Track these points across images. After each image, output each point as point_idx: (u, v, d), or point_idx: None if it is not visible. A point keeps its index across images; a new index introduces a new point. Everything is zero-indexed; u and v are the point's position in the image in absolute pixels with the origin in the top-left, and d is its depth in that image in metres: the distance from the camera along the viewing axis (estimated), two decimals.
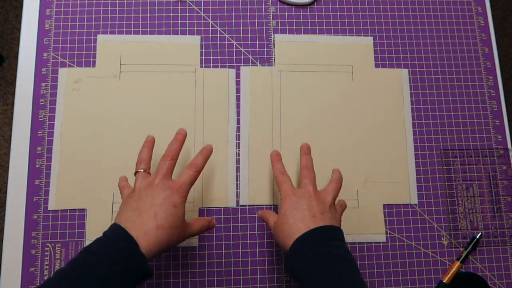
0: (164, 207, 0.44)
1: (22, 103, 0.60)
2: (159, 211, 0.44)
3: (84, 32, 0.63)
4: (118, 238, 0.42)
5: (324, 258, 0.44)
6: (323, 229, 0.46)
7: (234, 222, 0.58)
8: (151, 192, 0.45)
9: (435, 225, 0.61)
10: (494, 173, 0.63)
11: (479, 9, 0.69)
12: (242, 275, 0.57)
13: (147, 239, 0.42)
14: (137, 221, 0.43)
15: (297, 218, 0.47)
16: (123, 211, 0.46)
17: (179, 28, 0.64)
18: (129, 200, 0.47)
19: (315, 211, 0.47)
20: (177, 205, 0.45)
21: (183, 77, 0.62)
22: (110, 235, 0.43)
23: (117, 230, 0.43)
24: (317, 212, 0.47)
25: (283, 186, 0.51)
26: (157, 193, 0.45)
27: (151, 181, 0.47)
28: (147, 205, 0.44)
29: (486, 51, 0.67)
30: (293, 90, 0.63)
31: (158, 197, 0.45)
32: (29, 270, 0.55)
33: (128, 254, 0.41)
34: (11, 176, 0.57)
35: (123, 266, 0.40)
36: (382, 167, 0.61)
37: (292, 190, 0.50)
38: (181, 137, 0.51)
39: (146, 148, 0.52)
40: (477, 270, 0.60)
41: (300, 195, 0.49)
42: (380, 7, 0.67)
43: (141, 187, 0.47)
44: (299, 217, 0.47)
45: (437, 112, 0.64)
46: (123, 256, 0.41)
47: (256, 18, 0.65)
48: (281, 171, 0.53)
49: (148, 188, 0.46)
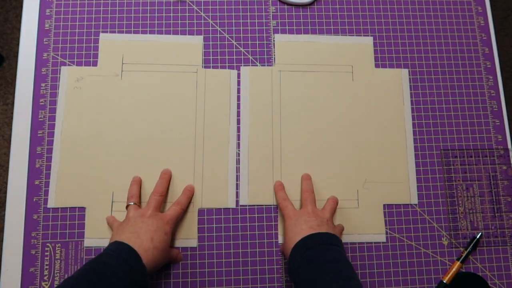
0: (158, 233, 0.51)
1: (22, 103, 0.60)
2: (155, 235, 0.50)
3: (84, 32, 0.63)
4: (122, 252, 0.47)
5: (317, 260, 0.47)
6: (319, 235, 0.50)
7: (234, 222, 0.58)
8: (146, 220, 0.52)
9: (435, 225, 0.61)
10: (494, 173, 0.63)
11: (479, 9, 0.69)
12: (242, 275, 0.57)
13: (147, 256, 0.48)
14: (137, 241, 0.49)
15: (295, 232, 0.52)
16: (120, 233, 0.50)
17: (179, 28, 0.64)
18: (124, 225, 0.52)
19: (312, 224, 0.52)
20: (167, 233, 0.52)
21: (185, 77, 0.62)
22: (114, 249, 0.47)
23: (120, 245, 0.47)
24: (314, 225, 0.52)
25: (286, 210, 0.56)
26: (151, 222, 0.51)
27: (143, 212, 0.53)
28: (144, 230, 0.50)
29: (486, 51, 0.67)
30: (293, 90, 0.63)
31: (153, 225, 0.51)
32: (29, 270, 0.55)
33: (132, 266, 0.46)
34: (11, 176, 0.57)
35: (127, 276, 0.45)
36: (382, 167, 0.61)
37: (294, 212, 0.55)
38: (167, 177, 0.58)
39: (135, 185, 0.57)
40: (477, 270, 0.60)
41: (300, 214, 0.54)
42: (380, 7, 0.67)
43: (135, 216, 0.53)
44: (297, 230, 0.52)
45: (437, 112, 0.64)
46: (127, 267, 0.45)
47: (256, 18, 0.65)
48: (284, 197, 0.58)
49: (142, 217, 0.52)
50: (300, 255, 0.48)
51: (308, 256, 0.48)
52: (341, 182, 0.60)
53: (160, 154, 0.59)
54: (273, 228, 0.58)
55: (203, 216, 0.58)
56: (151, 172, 0.58)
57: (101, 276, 0.44)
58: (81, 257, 0.56)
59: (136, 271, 0.46)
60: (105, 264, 0.45)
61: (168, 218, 0.53)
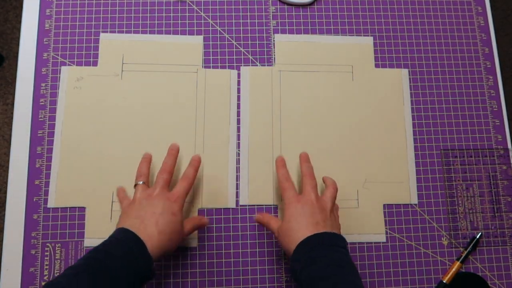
0: (164, 215, 0.48)
1: (22, 103, 0.60)
2: (160, 219, 0.48)
3: (84, 32, 0.63)
4: (127, 239, 0.45)
5: (321, 261, 0.45)
6: (324, 235, 0.48)
7: (234, 222, 0.58)
8: (151, 202, 0.49)
9: (435, 225, 0.61)
10: (494, 173, 0.63)
11: (479, 9, 0.69)
12: (242, 275, 0.57)
13: (152, 243, 0.46)
14: (141, 227, 0.47)
15: (301, 225, 0.49)
16: (125, 218, 0.49)
17: (179, 28, 0.64)
18: (130, 209, 0.50)
19: (318, 219, 0.49)
20: (175, 213, 0.49)
21: (185, 77, 0.62)
22: (119, 237, 0.46)
23: (124, 233, 0.46)
24: (319, 219, 0.49)
25: (287, 193, 0.52)
26: (157, 203, 0.49)
27: (150, 192, 0.51)
28: (148, 214, 0.48)
29: (486, 51, 0.67)
30: (293, 90, 0.63)
31: (158, 207, 0.49)
32: (29, 270, 0.55)
33: (137, 255, 0.44)
34: (11, 176, 0.57)
35: (131, 266, 0.44)
36: (382, 167, 0.61)
37: (296, 197, 0.52)
38: (174, 152, 0.55)
39: (144, 163, 0.55)
40: (477, 270, 0.60)
41: (303, 202, 0.51)
42: (380, 7, 0.67)
43: (142, 197, 0.51)
44: (303, 223, 0.49)
45: (437, 112, 0.64)
46: (132, 256, 0.44)
47: (256, 18, 0.65)
48: (286, 177, 0.54)
49: (149, 198, 0.50)
50: (304, 255, 0.46)
51: (312, 258, 0.46)
52: (341, 182, 0.60)
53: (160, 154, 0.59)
54: None
55: (203, 216, 0.58)
56: (151, 171, 0.58)
57: (102, 266, 0.42)
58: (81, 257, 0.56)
59: (141, 260, 0.44)
60: (107, 254, 0.44)
61: (176, 196, 0.50)
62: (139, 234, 0.46)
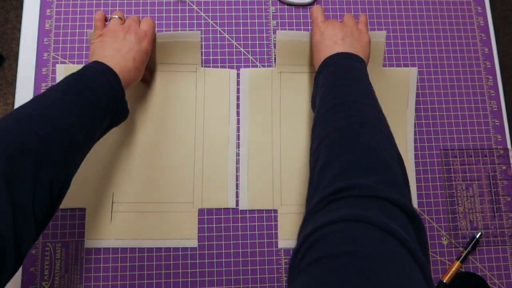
0: (140, 53, 0.51)
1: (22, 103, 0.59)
2: (137, 56, 0.50)
3: (84, 32, 0.63)
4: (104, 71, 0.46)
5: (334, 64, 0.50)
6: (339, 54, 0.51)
7: (234, 222, 0.58)
8: (127, 36, 0.51)
9: (435, 225, 0.61)
10: (494, 173, 0.63)
11: (479, 9, 0.69)
12: (242, 275, 0.57)
13: (127, 77, 0.49)
14: (121, 60, 0.49)
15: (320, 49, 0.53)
16: (103, 49, 0.50)
17: (179, 28, 0.64)
18: (106, 40, 0.51)
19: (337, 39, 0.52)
20: (148, 49, 0.53)
21: (184, 76, 0.62)
22: (96, 66, 0.46)
23: (101, 65, 0.47)
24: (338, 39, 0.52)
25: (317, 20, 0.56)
26: (134, 39, 0.51)
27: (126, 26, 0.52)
28: (126, 48, 0.50)
29: (486, 51, 0.67)
30: (293, 90, 0.63)
31: (133, 42, 0.51)
32: (29, 270, 0.55)
33: (113, 85, 0.46)
34: None
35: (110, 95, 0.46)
36: None
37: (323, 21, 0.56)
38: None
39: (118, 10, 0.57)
40: (477, 270, 0.60)
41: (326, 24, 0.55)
42: (380, 7, 0.67)
43: (118, 29, 0.52)
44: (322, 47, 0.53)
45: (437, 112, 0.64)
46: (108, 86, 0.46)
47: (256, 18, 0.65)
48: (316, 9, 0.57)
49: (123, 30, 0.51)
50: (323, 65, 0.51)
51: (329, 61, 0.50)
52: None
53: (159, 154, 0.59)
54: (273, 228, 0.58)
55: (203, 216, 0.58)
56: (151, 172, 0.58)
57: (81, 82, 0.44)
58: (81, 257, 0.56)
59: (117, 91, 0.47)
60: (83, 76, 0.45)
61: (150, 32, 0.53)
62: (117, 66, 0.47)
